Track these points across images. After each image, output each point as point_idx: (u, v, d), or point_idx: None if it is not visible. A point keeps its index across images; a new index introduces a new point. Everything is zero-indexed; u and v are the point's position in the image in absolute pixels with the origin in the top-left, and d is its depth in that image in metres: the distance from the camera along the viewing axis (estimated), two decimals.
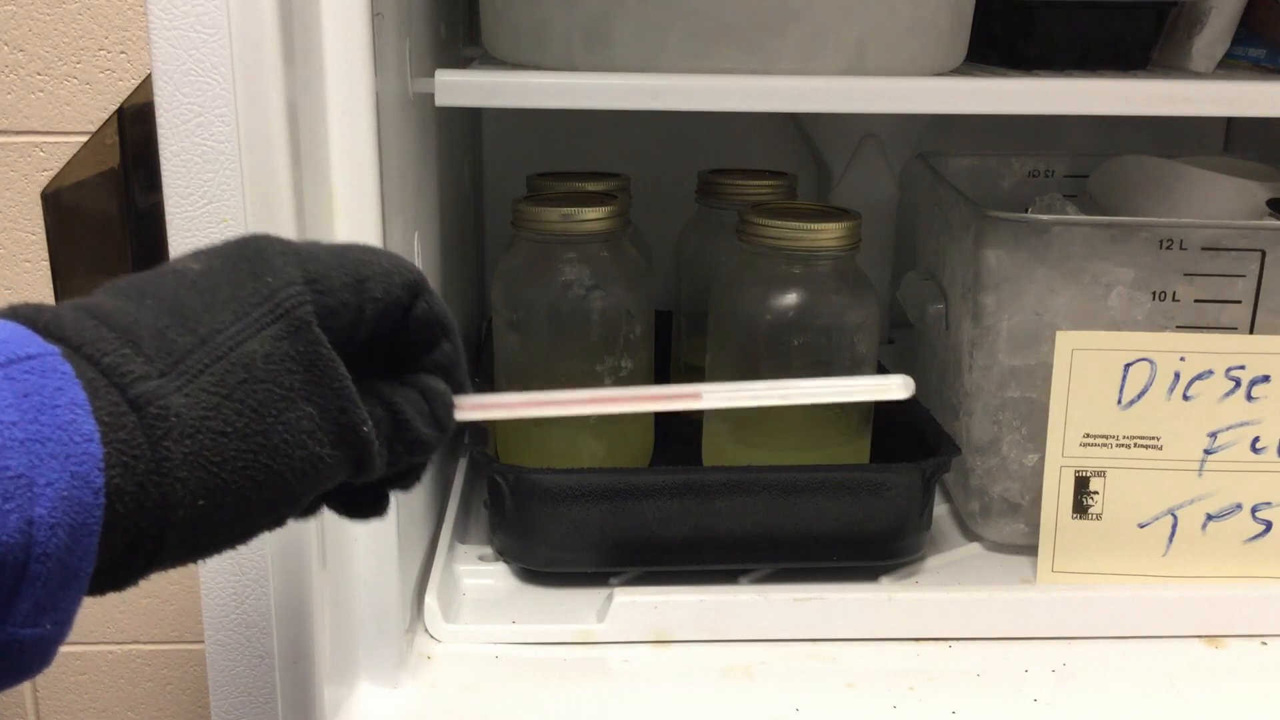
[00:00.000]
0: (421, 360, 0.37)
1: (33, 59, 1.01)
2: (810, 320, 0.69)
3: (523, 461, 0.72)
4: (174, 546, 0.30)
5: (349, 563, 0.56)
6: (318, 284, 0.33)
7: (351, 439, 0.33)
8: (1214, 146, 0.98)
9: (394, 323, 0.36)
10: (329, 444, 0.32)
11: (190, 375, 0.30)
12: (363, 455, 0.34)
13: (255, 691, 0.53)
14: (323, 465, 0.32)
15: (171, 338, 0.30)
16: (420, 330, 0.37)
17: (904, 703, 0.60)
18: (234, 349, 0.31)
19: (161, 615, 1.19)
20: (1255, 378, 0.63)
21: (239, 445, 0.30)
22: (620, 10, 0.59)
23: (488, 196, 1.00)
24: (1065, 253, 0.65)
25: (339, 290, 0.33)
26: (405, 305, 0.36)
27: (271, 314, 0.32)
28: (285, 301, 0.32)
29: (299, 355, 0.32)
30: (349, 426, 0.33)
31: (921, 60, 0.62)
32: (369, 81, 0.51)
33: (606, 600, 0.64)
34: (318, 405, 0.32)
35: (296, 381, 0.32)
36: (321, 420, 0.32)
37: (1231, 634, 0.66)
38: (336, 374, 0.33)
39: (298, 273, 0.33)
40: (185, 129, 0.45)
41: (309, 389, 0.32)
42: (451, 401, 0.37)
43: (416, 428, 0.36)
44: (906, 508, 0.67)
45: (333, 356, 0.33)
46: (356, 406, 0.33)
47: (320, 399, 0.32)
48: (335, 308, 0.33)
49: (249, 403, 0.31)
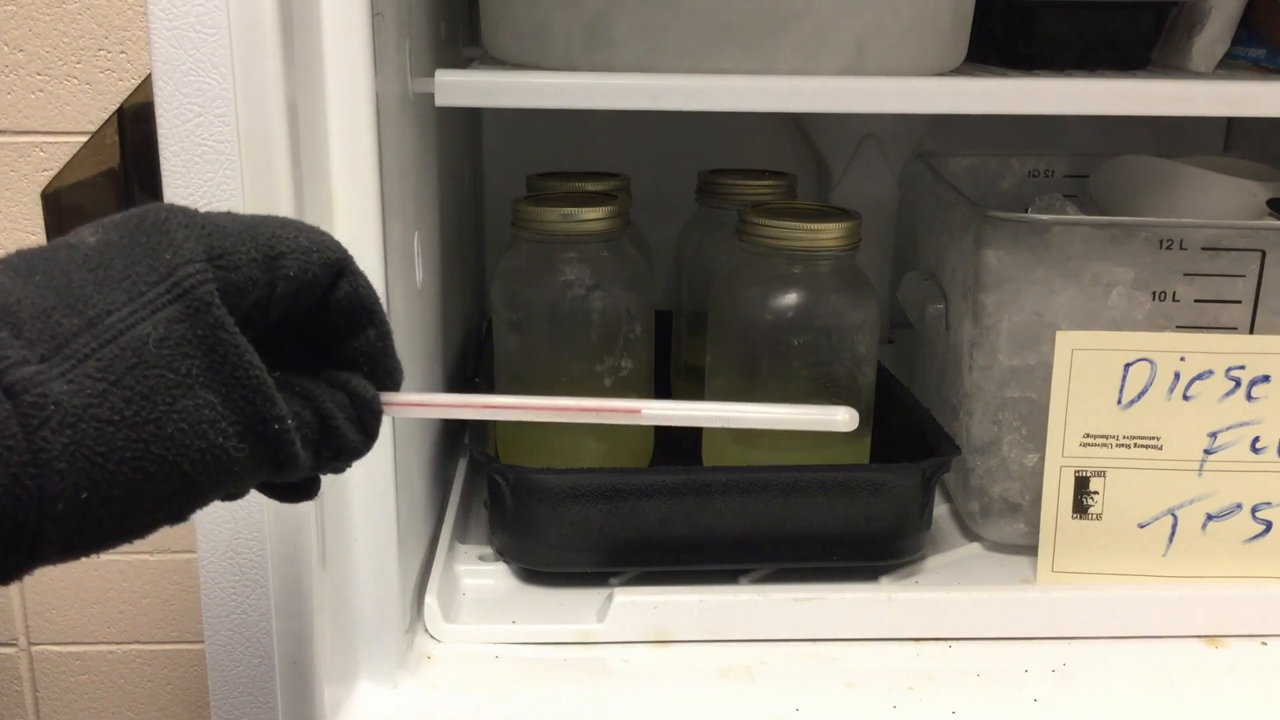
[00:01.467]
0: (345, 347, 0.35)
1: (33, 59, 1.01)
2: (810, 320, 0.69)
3: (523, 461, 0.72)
4: (56, 541, 0.28)
5: (349, 563, 0.56)
6: (222, 260, 0.31)
7: (262, 430, 0.31)
8: (1214, 146, 0.98)
9: (312, 305, 0.34)
10: (235, 435, 0.30)
11: (75, 360, 0.28)
12: (280, 453, 0.32)
13: (255, 691, 0.53)
14: (228, 458, 0.30)
15: (57, 320, 0.28)
16: (342, 315, 0.35)
17: (904, 703, 0.60)
18: (125, 332, 0.29)
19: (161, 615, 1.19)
20: (1255, 378, 0.63)
21: (128, 435, 0.28)
22: (620, 10, 0.59)
23: (488, 196, 1.00)
24: (1065, 253, 0.65)
25: (246, 266, 0.31)
26: (325, 286, 0.34)
27: (169, 294, 0.30)
28: (184, 280, 0.30)
29: (197, 339, 0.30)
30: (257, 417, 0.31)
31: (921, 60, 0.62)
32: (369, 81, 0.51)
33: (606, 600, 0.64)
34: (219, 392, 0.30)
35: (194, 367, 0.30)
36: (225, 409, 0.30)
37: (1231, 634, 0.66)
38: (241, 359, 0.30)
39: (200, 248, 0.30)
40: (185, 129, 0.45)
41: (209, 375, 0.30)
42: (380, 409, 0.36)
43: (346, 435, 0.34)
44: (906, 508, 0.67)
45: (237, 340, 0.30)
46: (266, 396, 0.31)
47: (222, 386, 0.30)
48: (242, 285, 0.31)
49: (139, 390, 0.29)
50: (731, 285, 0.72)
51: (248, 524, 0.50)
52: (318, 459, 0.34)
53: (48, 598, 1.17)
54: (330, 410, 0.34)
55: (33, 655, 1.19)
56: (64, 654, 1.20)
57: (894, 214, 0.93)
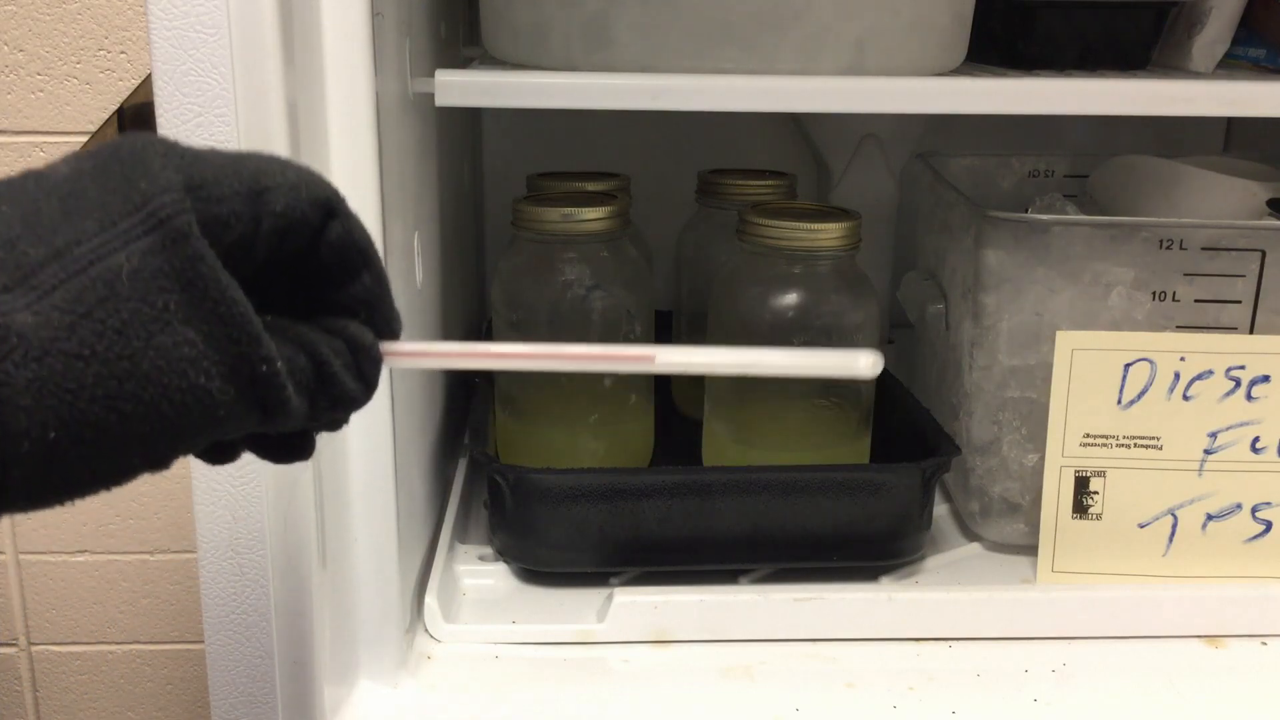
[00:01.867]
0: (340, 294, 0.33)
1: (33, 59, 1.01)
2: (810, 320, 0.69)
3: (522, 461, 0.72)
4: (22, 484, 0.27)
5: (349, 563, 0.56)
6: (203, 190, 0.29)
7: (248, 372, 0.29)
8: (1214, 146, 0.98)
9: (302, 245, 0.32)
10: (218, 376, 0.28)
11: (41, 292, 0.26)
12: (268, 397, 0.30)
13: (255, 691, 0.53)
14: (211, 401, 0.28)
15: (22, 249, 0.27)
16: (335, 257, 0.33)
17: (904, 703, 0.60)
18: (95, 263, 0.27)
19: (161, 615, 1.19)
20: (1255, 378, 0.63)
21: (99, 371, 0.27)
22: (620, 10, 0.59)
23: (488, 196, 1.00)
24: (1065, 253, 0.65)
25: (230, 199, 0.29)
26: (316, 227, 0.32)
27: (144, 224, 0.28)
28: (160, 210, 0.28)
29: (174, 271, 0.28)
30: (242, 357, 0.29)
31: (921, 60, 0.62)
32: (369, 81, 0.51)
33: (606, 600, 0.64)
34: (200, 329, 0.28)
35: (172, 301, 0.28)
36: (206, 347, 0.28)
37: (1231, 634, 0.66)
38: (223, 295, 0.28)
39: (178, 178, 0.28)
40: (185, 129, 0.45)
41: (188, 310, 0.28)
42: (379, 356, 0.33)
43: (343, 382, 0.32)
44: (906, 508, 0.67)
45: (218, 274, 0.28)
46: (252, 335, 0.29)
47: (203, 322, 0.28)
48: (225, 218, 0.29)
49: (111, 324, 0.27)
50: (731, 285, 0.72)
51: (248, 524, 0.50)
52: (314, 408, 0.32)
53: (48, 598, 1.17)
54: (326, 355, 0.32)
55: (33, 655, 1.19)
56: (64, 654, 1.20)
57: (894, 214, 0.93)
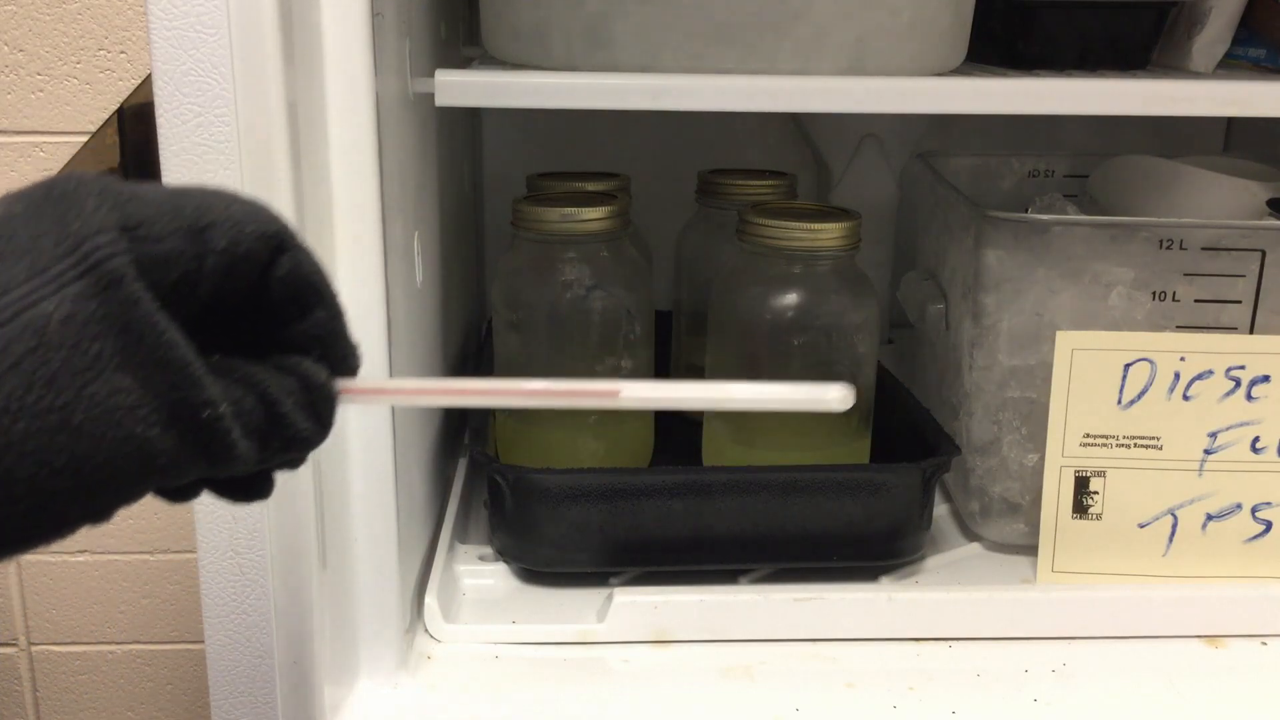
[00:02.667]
0: (293, 331, 0.32)
1: (33, 59, 1.01)
2: (810, 320, 0.69)
3: (522, 461, 0.72)
4: None
5: (349, 563, 0.56)
6: (140, 230, 0.28)
7: (190, 417, 0.28)
8: (1214, 146, 0.98)
9: (250, 282, 0.31)
10: (157, 424, 0.27)
11: None
12: (212, 443, 0.29)
13: (255, 691, 0.53)
14: (151, 450, 0.28)
15: None
16: (286, 293, 0.31)
17: (904, 703, 0.60)
18: (23, 311, 0.26)
19: (161, 615, 1.19)
20: (1255, 378, 0.63)
21: (28, 426, 0.26)
22: (620, 10, 0.59)
23: (488, 196, 1.00)
24: (1065, 253, 0.65)
25: (169, 238, 0.28)
26: (264, 262, 0.31)
27: (76, 268, 0.26)
28: (94, 253, 0.27)
29: (108, 316, 0.27)
30: (182, 403, 0.28)
31: (921, 60, 0.62)
32: (369, 81, 0.51)
33: (606, 600, 0.64)
34: (137, 376, 0.27)
35: (106, 348, 0.27)
36: (144, 394, 0.27)
37: (1231, 634, 0.66)
38: (159, 339, 0.27)
39: (113, 217, 0.27)
40: (185, 129, 0.45)
41: (123, 356, 0.27)
42: (334, 394, 0.32)
43: (295, 423, 0.31)
44: (906, 508, 0.67)
45: (155, 317, 0.27)
46: (192, 380, 0.28)
47: (140, 368, 0.27)
48: (165, 258, 0.28)
49: (40, 375, 0.26)
50: (731, 285, 0.72)
51: (248, 524, 0.50)
52: (265, 450, 0.31)
53: (48, 598, 1.17)
54: (276, 396, 0.31)
55: (33, 655, 1.19)
56: (64, 654, 1.20)
57: (894, 214, 0.93)
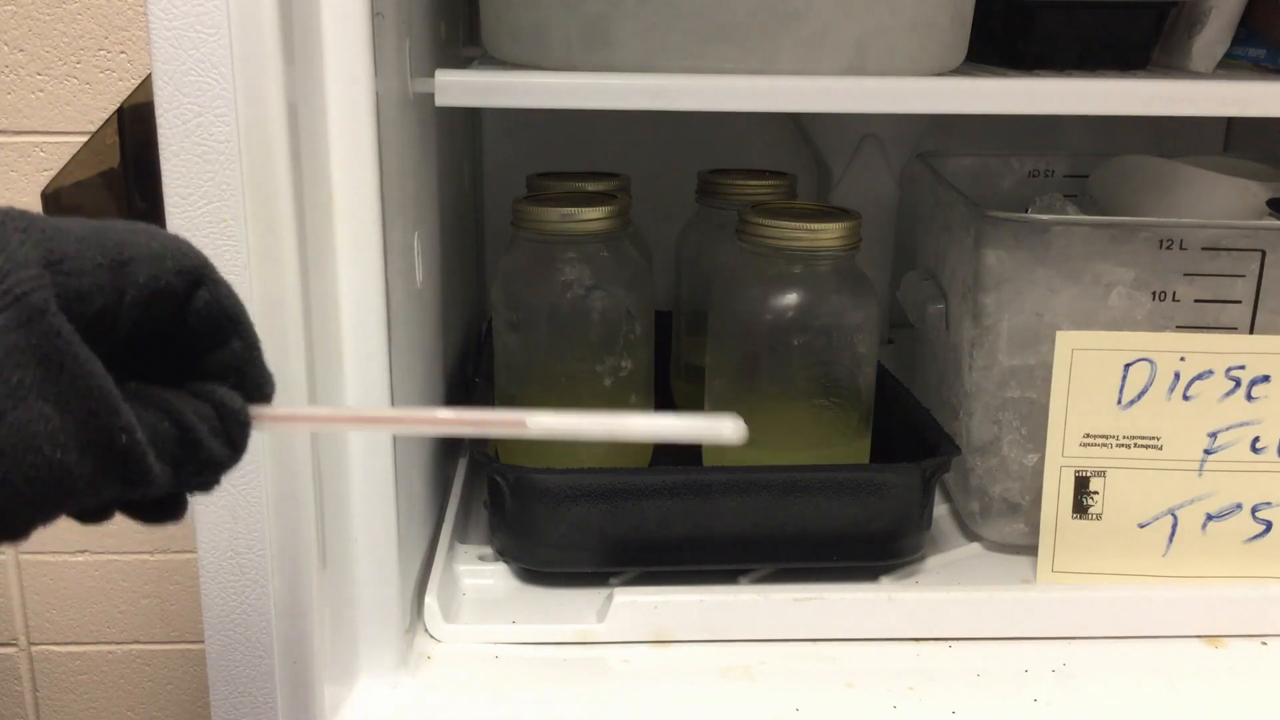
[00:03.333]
0: (209, 360, 0.34)
1: (33, 59, 1.01)
2: (810, 320, 0.69)
3: (522, 461, 0.72)
4: None
5: (349, 563, 0.56)
6: (63, 265, 0.29)
7: (107, 443, 0.29)
8: (1214, 146, 0.98)
9: (168, 315, 0.32)
10: (74, 449, 0.29)
11: None
12: (129, 467, 0.30)
13: (255, 691, 0.53)
14: (69, 475, 0.29)
15: None
16: (203, 325, 0.33)
17: (904, 703, 0.60)
18: None
19: (161, 615, 1.19)
20: (1255, 378, 0.63)
21: None
22: (620, 10, 0.59)
23: (488, 196, 1.00)
24: (1065, 253, 0.65)
25: (91, 272, 0.30)
26: (182, 296, 0.32)
27: (10, 294, 0.28)
28: (16, 286, 0.28)
29: (30, 347, 0.28)
30: (100, 429, 0.29)
31: (921, 60, 0.62)
32: (369, 81, 0.51)
33: (606, 600, 0.64)
34: (56, 404, 0.28)
35: (27, 377, 0.28)
36: (63, 421, 0.28)
37: (1231, 634, 0.66)
38: (80, 368, 0.29)
39: (36, 253, 0.28)
40: (185, 129, 0.45)
41: (44, 385, 0.28)
42: (248, 420, 0.34)
43: (209, 448, 0.32)
44: (906, 508, 0.67)
45: (75, 348, 0.28)
46: (110, 407, 0.29)
47: (60, 397, 0.28)
48: (85, 292, 0.29)
49: None
50: (731, 285, 0.72)
51: (248, 524, 0.50)
52: (179, 474, 0.32)
53: (48, 598, 1.17)
54: (191, 422, 0.32)
55: (33, 655, 1.19)
56: (64, 654, 1.20)
57: (894, 214, 0.93)
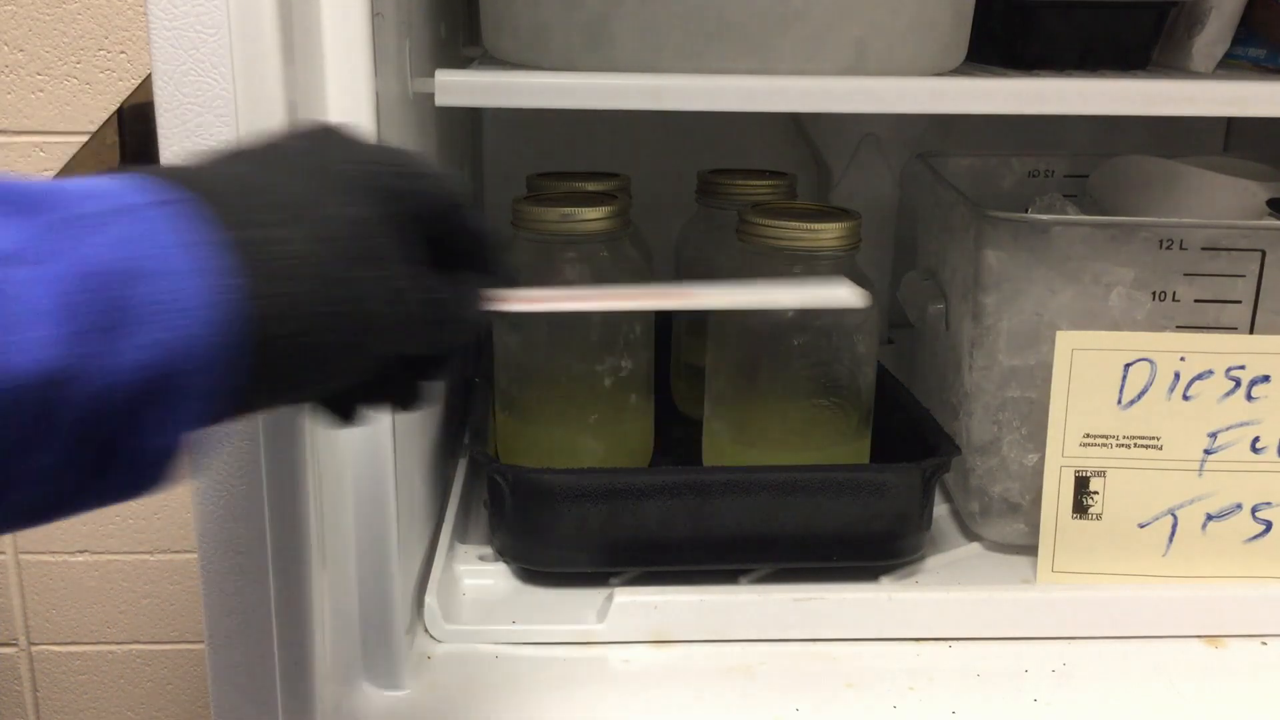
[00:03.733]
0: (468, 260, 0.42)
1: (33, 59, 1.01)
2: (810, 320, 0.69)
3: (522, 461, 0.72)
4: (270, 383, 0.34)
5: (349, 563, 0.56)
6: (394, 165, 0.39)
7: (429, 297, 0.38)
8: (1214, 146, 0.98)
9: (451, 222, 0.41)
10: (412, 297, 0.38)
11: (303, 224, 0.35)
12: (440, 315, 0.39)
13: (255, 691, 0.53)
14: (408, 312, 0.37)
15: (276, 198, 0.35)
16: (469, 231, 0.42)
17: (904, 703, 0.60)
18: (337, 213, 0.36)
19: (161, 615, 1.19)
20: (1255, 378, 0.63)
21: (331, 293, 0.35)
22: (620, 10, 0.59)
23: (488, 196, 1.00)
24: (1065, 253, 0.65)
25: (409, 177, 0.39)
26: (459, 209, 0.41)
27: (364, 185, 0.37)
28: (379, 177, 0.38)
29: (381, 219, 0.37)
30: (425, 288, 0.38)
31: (921, 60, 0.62)
32: (369, 81, 0.51)
33: (606, 600, 0.64)
34: (401, 263, 0.37)
35: (379, 244, 0.37)
36: (405, 274, 0.37)
37: (1231, 634, 0.66)
38: (413, 241, 0.38)
39: (385, 155, 0.39)
40: (185, 129, 0.45)
41: (392, 250, 0.37)
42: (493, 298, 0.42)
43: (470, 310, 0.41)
44: (906, 508, 0.67)
45: (407, 224, 0.38)
46: (429, 272, 0.38)
47: (402, 262, 0.37)
48: (414, 192, 0.39)
49: (345, 255, 0.35)
50: None
51: (248, 524, 0.50)
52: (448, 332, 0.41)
53: (48, 598, 1.17)
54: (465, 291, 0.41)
55: (33, 655, 1.20)
56: (64, 654, 1.20)
57: (894, 214, 0.93)
